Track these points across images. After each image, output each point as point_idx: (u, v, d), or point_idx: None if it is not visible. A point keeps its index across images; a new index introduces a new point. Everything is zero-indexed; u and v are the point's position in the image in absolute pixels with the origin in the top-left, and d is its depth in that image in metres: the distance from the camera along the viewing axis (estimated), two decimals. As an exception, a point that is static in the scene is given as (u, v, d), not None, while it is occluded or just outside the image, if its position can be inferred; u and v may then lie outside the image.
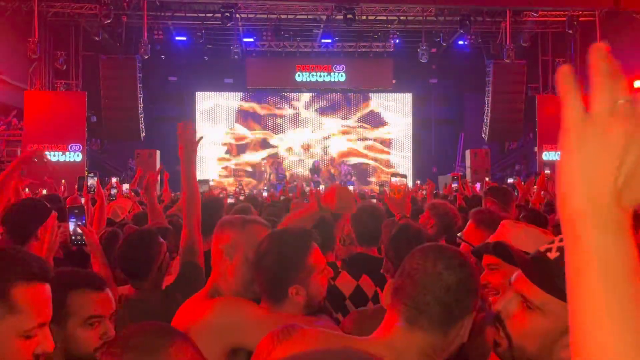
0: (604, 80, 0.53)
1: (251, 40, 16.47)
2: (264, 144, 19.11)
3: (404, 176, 3.00)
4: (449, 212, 3.06)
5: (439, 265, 1.17)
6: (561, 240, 1.06)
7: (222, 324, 1.62)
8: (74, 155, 14.72)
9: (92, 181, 4.11)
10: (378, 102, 19.41)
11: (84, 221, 2.38)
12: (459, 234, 2.08)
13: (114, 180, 6.41)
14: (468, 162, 16.17)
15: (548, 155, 15.55)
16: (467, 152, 16.45)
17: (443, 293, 1.14)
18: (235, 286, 1.76)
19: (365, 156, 19.36)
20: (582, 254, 0.52)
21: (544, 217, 3.59)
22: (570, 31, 15.44)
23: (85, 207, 3.44)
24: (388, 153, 19.39)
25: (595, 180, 0.52)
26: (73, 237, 2.41)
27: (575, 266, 0.53)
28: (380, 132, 19.45)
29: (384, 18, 15.98)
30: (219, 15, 14.52)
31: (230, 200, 6.27)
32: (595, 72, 0.53)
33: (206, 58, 17.51)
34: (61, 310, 1.48)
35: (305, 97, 19.14)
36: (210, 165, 18.62)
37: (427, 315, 1.15)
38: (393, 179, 2.95)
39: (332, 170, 18.67)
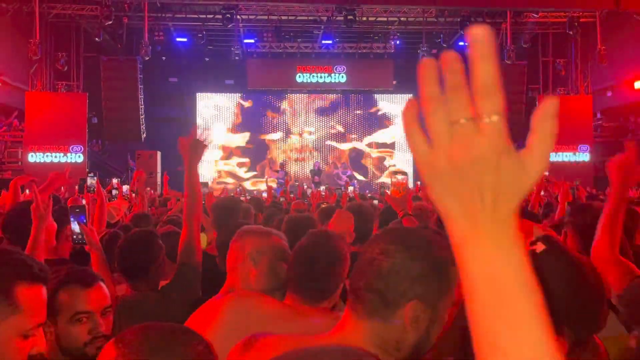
0: (435, 100, 0.49)
1: (252, 41, 16.49)
2: (265, 145, 19.12)
3: (405, 173, 3.01)
4: (422, 210, 3.12)
5: (376, 250, 1.10)
6: (532, 241, 1.07)
7: (238, 318, 1.60)
8: (75, 157, 14.74)
9: (91, 181, 4.12)
10: (379, 103, 19.42)
11: (84, 220, 2.39)
12: None
13: (114, 181, 6.41)
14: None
15: (549, 156, 15.54)
16: (468, 153, 16.44)
17: (373, 278, 1.08)
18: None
19: (366, 157, 19.37)
20: (471, 277, 0.51)
21: (537, 217, 3.64)
22: (571, 32, 15.44)
23: (87, 207, 3.44)
24: (391, 155, 19.39)
25: (462, 204, 0.50)
26: (74, 237, 2.43)
27: (467, 291, 0.51)
28: (380, 133, 19.45)
29: (385, 19, 16.00)
30: (220, 16, 14.54)
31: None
32: (424, 92, 0.49)
33: (207, 59, 17.53)
34: (52, 307, 1.56)
35: (306, 98, 19.15)
36: (210, 167, 18.63)
37: (363, 303, 1.10)
38: (399, 177, 2.95)
39: (333, 171, 18.68)
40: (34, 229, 2.20)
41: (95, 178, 4.18)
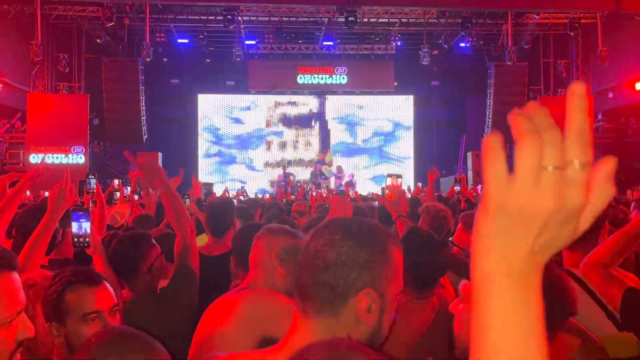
0: (533, 140, 0.47)
1: (253, 42, 16.49)
2: (265, 146, 19.11)
3: (399, 176, 3.03)
4: (439, 214, 3.11)
5: (320, 242, 1.04)
6: None
7: (253, 313, 1.61)
8: (76, 158, 14.76)
9: (91, 182, 4.08)
10: (379, 104, 19.41)
11: (87, 222, 2.35)
12: (450, 238, 2.08)
13: (116, 182, 6.39)
14: (470, 165, 16.16)
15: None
16: (469, 155, 16.44)
17: (320, 272, 1.02)
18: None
19: (367, 158, 19.36)
20: (487, 311, 0.51)
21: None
22: (572, 33, 15.43)
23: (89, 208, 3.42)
24: (392, 158, 19.38)
25: (510, 247, 0.50)
26: (75, 240, 2.35)
27: (480, 325, 0.52)
28: (381, 134, 19.44)
29: (386, 20, 16.00)
30: (221, 17, 14.54)
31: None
32: (521, 130, 0.47)
33: (208, 60, 17.54)
34: (60, 308, 1.56)
35: (307, 99, 19.14)
36: (212, 168, 18.63)
37: (312, 299, 1.03)
38: (388, 179, 2.97)
39: (334, 172, 18.66)
40: (49, 214, 2.20)
41: (94, 179, 4.15)
